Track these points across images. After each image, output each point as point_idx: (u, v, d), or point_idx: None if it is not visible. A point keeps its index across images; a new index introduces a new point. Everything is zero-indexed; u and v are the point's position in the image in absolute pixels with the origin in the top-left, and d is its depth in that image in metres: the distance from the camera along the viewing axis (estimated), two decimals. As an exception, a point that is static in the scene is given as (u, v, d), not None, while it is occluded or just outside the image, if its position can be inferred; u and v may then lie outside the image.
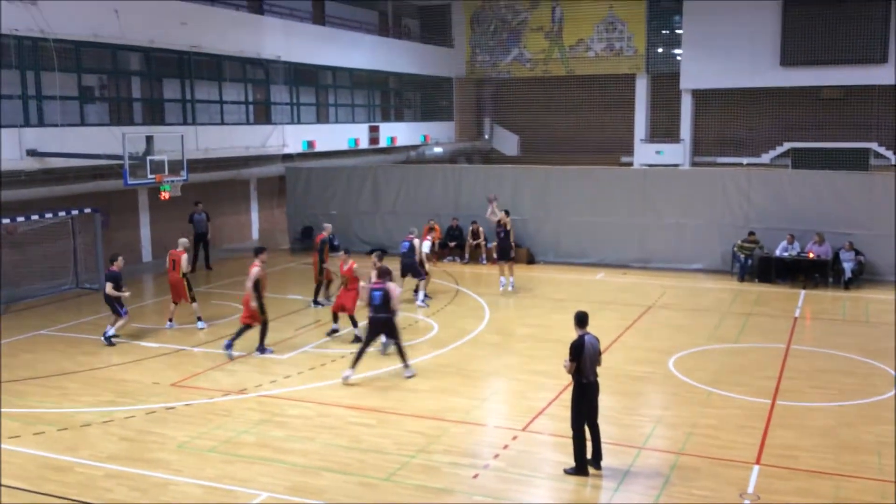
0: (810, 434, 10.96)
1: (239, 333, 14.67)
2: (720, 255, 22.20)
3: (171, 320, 16.85)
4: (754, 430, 11.08)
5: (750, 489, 9.32)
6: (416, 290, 18.72)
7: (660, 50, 36.94)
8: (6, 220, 18.49)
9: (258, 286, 14.44)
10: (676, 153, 35.87)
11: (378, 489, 9.42)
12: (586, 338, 9.75)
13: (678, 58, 35.75)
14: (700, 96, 35.80)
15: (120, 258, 15.68)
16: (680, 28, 35.50)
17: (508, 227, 19.88)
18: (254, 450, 10.59)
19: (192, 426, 11.43)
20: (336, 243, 20.25)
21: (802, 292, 19.91)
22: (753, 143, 35.20)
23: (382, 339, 14.46)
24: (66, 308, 18.76)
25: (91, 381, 13.50)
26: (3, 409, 12.15)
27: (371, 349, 13.83)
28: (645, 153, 36.68)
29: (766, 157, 34.94)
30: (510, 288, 20.01)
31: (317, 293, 18.55)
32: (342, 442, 10.82)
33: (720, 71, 33.63)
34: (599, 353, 9.96)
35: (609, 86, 37.55)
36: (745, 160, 34.23)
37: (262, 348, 14.81)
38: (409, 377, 13.37)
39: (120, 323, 15.53)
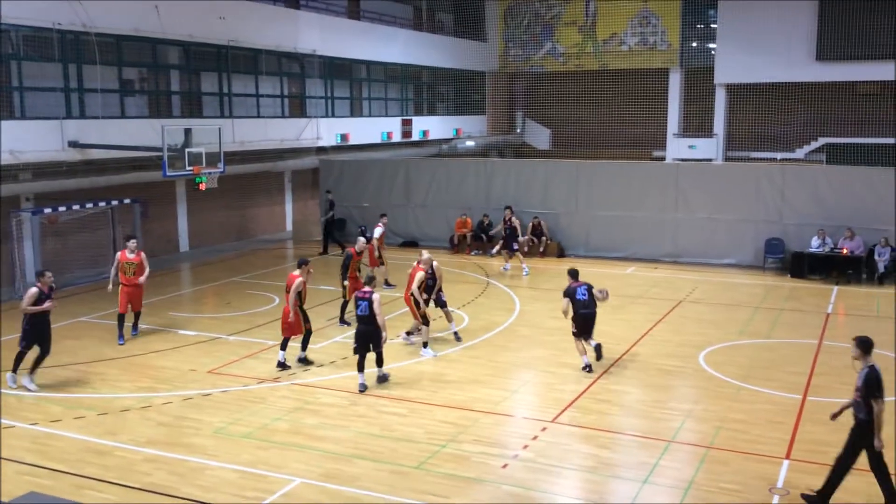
0: (841, 430, 10.85)
1: (283, 346, 13.80)
2: (752, 251, 22.10)
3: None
4: (784, 425, 11.09)
5: (779, 483, 9.37)
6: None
7: (694, 44, 36.69)
8: (48, 210, 18.94)
9: (300, 297, 13.60)
10: (709, 148, 35.65)
11: (409, 477, 9.59)
12: (877, 367, 8.50)
13: (712, 52, 35.49)
14: (734, 91, 35.51)
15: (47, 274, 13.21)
16: (715, 22, 35.23)
17: (514, 223, 21.80)
18: (287, 436, 10.83)
19: (227, 412, 11.70)
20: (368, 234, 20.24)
21: (835, 288, 19.78)
22: (788, 139, 34.87)
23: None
24: (106, 296, 19.07)
25: (130, 367, 13.84)
26: (46, 394, 12.55)
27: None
28: (677, 148, 36.49)
29: (800, 153, 34.62)
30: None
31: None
32: (374, 430, 11.02)
33: (755, 65, 33.34)
34: None
35: (642, 80, 37.37)
36: (779, 155, 33.92)
37: (304, 357, 13.91)
38: (382, 382, 12.90)
39: None
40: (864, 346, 8.61)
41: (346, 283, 16.18)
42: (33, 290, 12.69)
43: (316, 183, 28.51)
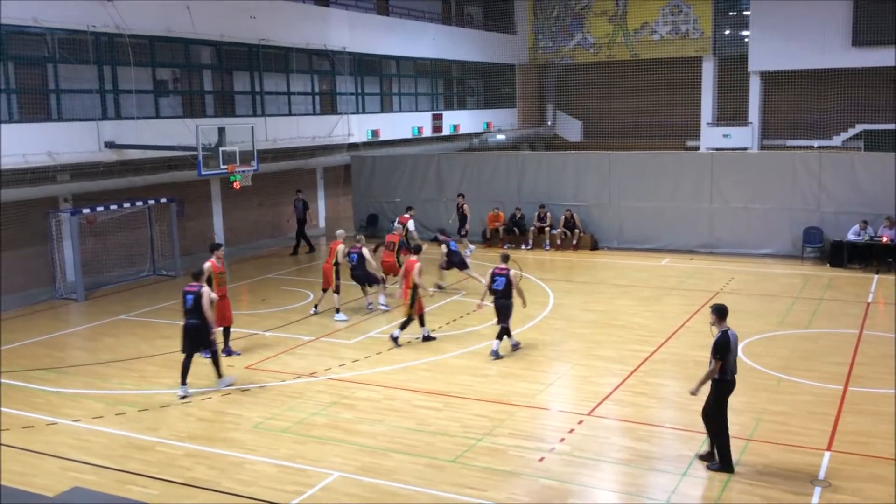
0: (883, 420, 10.77)
1: (421, 323, 14.92)
2: (790, 240, 21.80)
3: (315, 307, 17.19)
4: (825, 416, 10.94)
5: (821, 475, 9.24)
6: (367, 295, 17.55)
7: (727, 32, 36.23)
8: (86, 210, 19.24)
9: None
10: (744, 136, 35.18)
11: (446, 471, 9.61)
12: (730, 333, 9.36)
13: (746, 39, 35.01)
14: (769, 78, 35.00)
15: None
16: (747, 9, 34.74)
17: (466, 211, 23.69)
18: (325, 431, 10.91)
19: (265, 407, 11.82)
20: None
21: (875, 277, 19.44)
22: (824, 126, 34.30)
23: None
24: (144, 294, 19.47)
25: (169, 363, 13.99)
26: (88, 391, 12.77)
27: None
28: (712, 137, 36.06)
29: (837, 140, 34.02)
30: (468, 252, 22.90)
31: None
32: (409, 424, 11.06)
33: (789, 52, 32.81)
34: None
35: (674, 69, 36.96)
36: (815, 143, 33.40)
37: (426, 335, 14.92)
38: (495, 356, 13.80)
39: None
40: (720, 312, 9.46)
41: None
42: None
43: (348, 179, 28.64)
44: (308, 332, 15.78)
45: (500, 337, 13.98)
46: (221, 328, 14.20)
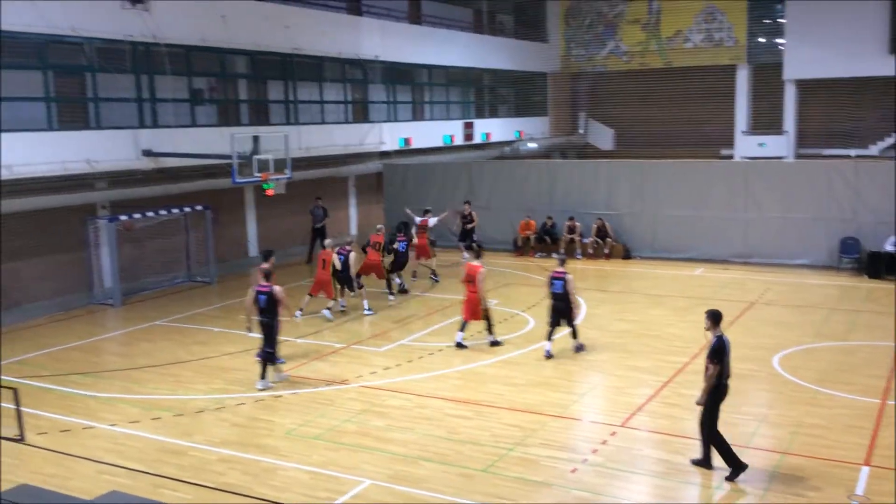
0: (924, 436, 10.57)
1: (462, 328, 15.06)
2: (826, 251, 21.50)
3: (301, 310, 17.48)
4: (863, 430, 10.77)
5: (859, 490, 9.10)
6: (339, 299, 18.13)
7: (762, 39, 35.85)
8: (124, 217, 19.51)
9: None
10: (780, 145, 34.77)
11: (476, 480, 9.59)
12: (724, 338, 9.50)
13: (781, 47, 34.63)
14: (804, 86, 34.57)
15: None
16: (783, 17, 34.36)
17: (474, 217, 23.95)
18: (356, 438, 10.94)
19: (298, 414, 11.88)
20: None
21: (915, 289, 19.11)
22: (861, 135, 33.76)
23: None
24: (180, 300, 19.69)
25: (203, 369, 14.17)
26: (124, 395, 12.94)
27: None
28: (746, 146, 35.69)
29: (874, 149, 33.48)
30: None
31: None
32: (440, 433, 11.06)
33: (825, 60, 32.37)
34: None
35: (708, 77, 36.68)
36: (852, 152, 32.89)
37: (493, 340, 15.10)
38: (579, 351, 14.52)
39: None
40: (714, 318, 9.59)
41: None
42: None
43: (380, 187, 28.77)
44: (339, 339, 15.85)
45: (574, 335, 14.55)
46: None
